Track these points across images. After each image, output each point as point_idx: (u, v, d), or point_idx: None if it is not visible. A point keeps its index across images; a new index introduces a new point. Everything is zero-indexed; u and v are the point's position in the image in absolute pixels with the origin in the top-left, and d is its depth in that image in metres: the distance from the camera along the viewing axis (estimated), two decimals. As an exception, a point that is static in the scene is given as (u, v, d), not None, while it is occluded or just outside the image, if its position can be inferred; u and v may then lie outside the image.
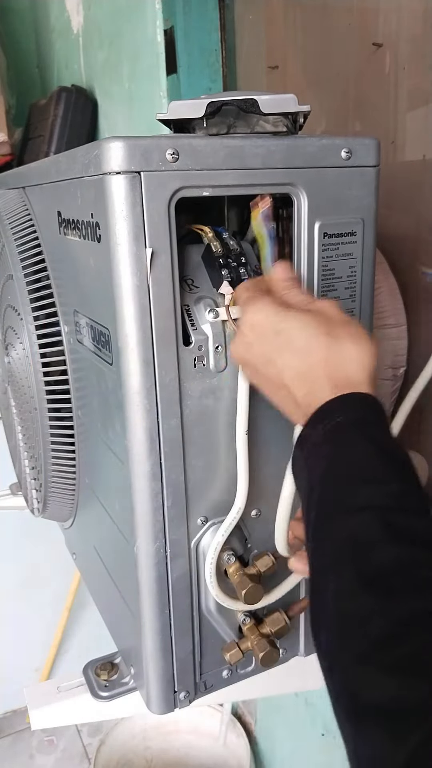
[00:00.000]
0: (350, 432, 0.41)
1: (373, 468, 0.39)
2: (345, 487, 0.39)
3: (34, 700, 0.73)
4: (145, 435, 0.52)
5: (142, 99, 1.31)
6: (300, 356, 0.45)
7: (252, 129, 0.54)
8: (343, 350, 0.44)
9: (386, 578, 0.34)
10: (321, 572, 0.38)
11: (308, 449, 0.43)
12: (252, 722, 1.67)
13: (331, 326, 0.45)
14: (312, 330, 0.45)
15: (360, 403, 0.43)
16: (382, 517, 0.36)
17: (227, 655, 0.61)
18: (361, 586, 0.34)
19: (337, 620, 0.35)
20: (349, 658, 0.33)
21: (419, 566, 0.34)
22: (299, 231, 0.56)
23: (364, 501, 0.38)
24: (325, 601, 0.37)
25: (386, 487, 0.38)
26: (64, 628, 1.93)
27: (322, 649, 0.36)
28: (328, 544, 0.38)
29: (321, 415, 0.43)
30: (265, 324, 0.47)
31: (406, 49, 0.86)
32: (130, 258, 0.48)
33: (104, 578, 0.73)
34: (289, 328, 0.45)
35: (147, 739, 1.74)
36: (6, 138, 1.61)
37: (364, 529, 0.36)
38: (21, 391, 0.79)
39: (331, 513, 0.39)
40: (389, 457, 0.40)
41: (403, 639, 0.31)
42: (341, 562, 0.36)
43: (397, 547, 0.35)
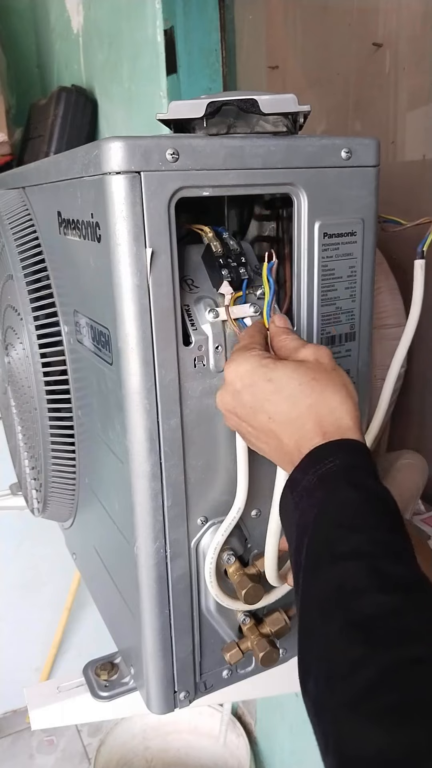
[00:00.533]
0: (341, 478, 0.42)
1: (363, 515, 0.40)
2: (335, 533, 0.40)
3: (34, 700, 0.73)
4: (145, 435, 0.52)
5: (142, 99, 1.31)
6: (290, 403, 0.46)
7: (252, 129, 0.54)
8: (329, 397, 0.46)
9: (373, 627, 0.34)
10: (309, 618, 0.39)
11: (299, 493, 0.44)
12: (252, 722, 1.67)
13: (319, 373, 0.47)
14: (300, 377, 0.46)
15: (350, 449, 0.44)
16: (369, 564, 0.37)
17: (227, 655, 0.61)
18: (348, 635, 0.35)
19: (325, 668, 0.35)
20: (335, 707, 0.33)
21: (405, 614, 0.35)
22: (299, 231, 0.56)
23: (353, 548, 0.39)
24: (312, 648, 0.37)
25: (375, 534, 0.39)
26: (64, 628, 1.93)
27: (309, 695, 0.36)
28: (317, 590, 0.39)
29: (312, 460, 0.44)
30: (252, 373, 0.48)
31: (406, 49, 0.86)
32: (130, 258, 0.48)
33: (104, 578, 0.73)
34: (279, 376, 0.47)
35: (147, 739, 1.74)
36: (6, 138, 1.61)
37: (352, 577, 0.37)
38: (21, 391, 0.79)
39: (320, 558, 0.40)
40: (378, 504, 0.41)
41: (388, 689, 0.31)
42: (329, 610, 0.37)
43: (384, 596, 0.36)
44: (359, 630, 0.35)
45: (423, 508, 0.89)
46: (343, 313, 0.60)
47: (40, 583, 1.89)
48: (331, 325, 0.60)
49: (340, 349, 0.62)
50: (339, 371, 0.48)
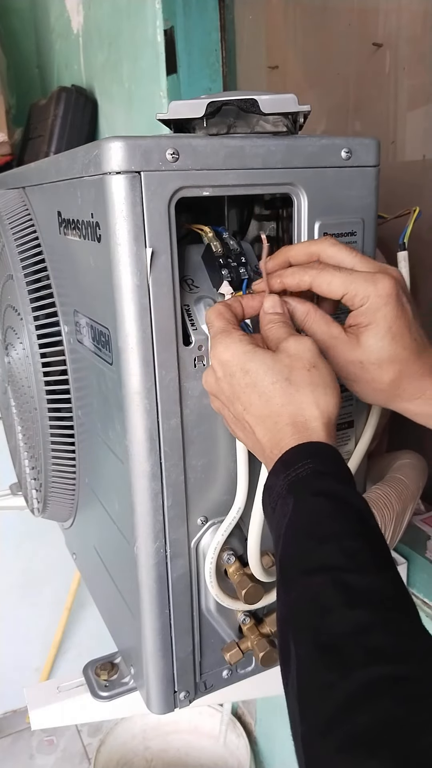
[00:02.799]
0: (309, 486, 0.41)
1: (329, 524, 0.39)
2: (304, 545, 0.39)
3: (34, 700, 0.73)
4: (145, 435, 0.52)
5: (142, 99, 1.32)
6: (262, 399, 0.45)
7: (252, 129, 0.54)
8: (303, 397, 0.44)
9: (341, 647, 0.34)
10: (285, 633, 0.38)
11: (274, 499, 0.43)
12: (252, 722, 1.67)
13: (295, 371, 0.45)
14: (275, 375, 0.45)
15: (319, 453, 0.43)
16: (335, 578, 0.36)
17: (227, 655, 0.61)
18: (318, 656, 0.34)
19: (298, 686, 0.35)
20: (307, 731, 0.33)
21: (372, 631, 0.34)
22: (299, 231, 0.56)
23: (320, 561, 0.38)
24: (288, 665, 0.36)
25: (341, 543, 0.38)
26: (64, 628, 1.93)
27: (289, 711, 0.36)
28: (290, 604, 0.38)
29: (283, 465, 0.43)
30: (232, 362, 0.47)
31: (406, 49, 0.86)
32: (130, 258, 0.48)
33: (104, 578, 0.73)
34: (255, 369, 0.45)
35: (147, 739, 1.74)
36: (6, 138, 1.61)
37: (319, 593, 0.36)
38: (21, 391, 0.79)
39: (290, 572, 0.39)
40: (346, 511, 0.40)
41: (357, 713, 0.31)
42: (300, 628, 0.37)
43: (350, 612, 0.35)
44: (327, 652, 0.34)
45: (423, 508, 0.89)
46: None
47: (40, 583, 1.89)
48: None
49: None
50: (318, 369, 0.45)
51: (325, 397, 0.45)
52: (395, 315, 0.48)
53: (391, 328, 0.48)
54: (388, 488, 0.70)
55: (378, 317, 0.48)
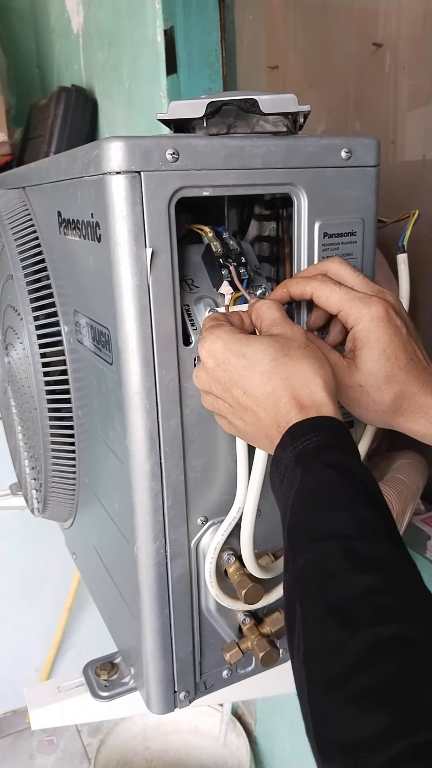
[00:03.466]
0: (318, 457, 0.42)
1: (339, 494, 0.40)
2: (312, 514, 0.40)
3: (34, 700, 0.73)
4: (145, 435, 0.52)
5: (142, 99, 1.32)
6: (264, 377, 0.46)
7: (252, 129, 0.54)
8: (303, 370, 0.45)
9: (349, 608, 0.35)
10: (292, 599, 0.39)
11: (282, 471, 0.44)
12: (252, 722, 1.67)
13: (291, 348, 0.46)
14: (274, 352, 0.46)
15: (327, 426, 0.44)
16: (346, 545, 0.37)
17: (227, 655, 0.61)
18: (327, 617, 0.35)
19: (305, 649, 0.36)
20: (314, 689, 0.34)
21: (381, 594, 0.35)
22: (299, 231, 0.56)
23: (330, 529, 0.39)
24: (295, 629, 0.37)
25: (351, 513, 0.39)
26: (64, 628, 1.93)
27: (294, 675, 0.37)
28: (298, 571, 0.39)
29: (291, 437, 0.44)
30: (225, 350, 0.47)
31: (406, 49, 0.86)
32: (130, 258, 0.48)
33: (104, 578, 0.73)
34: (253, 351, 0.46)
35: (147, 739, 1.74)
36: (6, 138, 1.61)
37: (329, 559, 0.37)
38: (21, 391, 0.79)
39: (299, 541, 0.40)
40: (355, 481, 0.41)
41: (364, 672, 0.32)
42: (308, 592, 0.37)
43: (361, 576, 0.36)
44: (336, 613, 0.35)
45: (423, 508, 0.89)
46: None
47: (40, 583, 1.90)
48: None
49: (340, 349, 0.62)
50: (312, 347, 0.47)
51: (323, 370, 0.46)
52: (388, 338, 0.50)
53: (386, 350, 0.50)
54: (388, 488, 0.70)
55: (371, 340, 0.50)
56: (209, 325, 0.50)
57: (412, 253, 0.62)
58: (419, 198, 0.86)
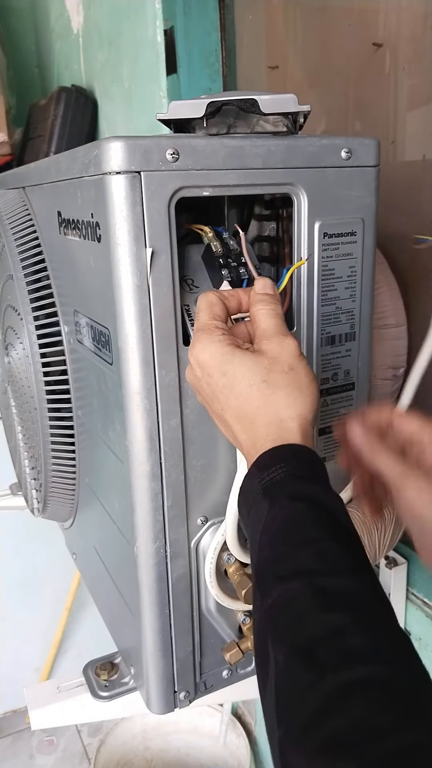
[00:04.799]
0: (284, 490, 0.41)
1: (304, 528, 0.39)
2: (279, 549, 0.39)
3: (34, 700, 0.73)
4: (145, 435, 0.52)
5: (142, 99, 1.31)
6: (239, 401, 0.45)
7: (252, 129, 0.54)
8: (279, 399, 0.44)
9: (316, 650, 0.34)
10: (262, 639, 0.38)
11: (249, 503, 0.43)
12: (252, 722, 1.67)
13: (272, 373, 0.45)
14: (253, 376, 0.45)
15: (292, 456, 0.43)
16: (311, 582, 0.37)
17: (227, 655, 0.61)
18: (294, 660, 0.34)
19: (276, 693, 0.35)
20: (283, 735, 0.33)
21: (347, 633, 0.34)
22: (299, 231, 0.56)
23: (295, 566, 0.38)
24: (267, 671, 0.36)
25: (315, 547, 0.38)
26: (64, 628, 1.93)
27: (265, 716, 0.36)
28: (267, 610, 0.38)
29: (258, 469, 0.43)
30: (209, 363, 0.47)
31: (406, 49, 0.86)
32: (130, 258, 0.48)
33: (104, 578, 0.73)
34: (232, 371, 0.45)
35: (147, 739, 1.74)
36: (6, 138, 1.61)
37: (294, 598, 0.36)
38: (21, 391, 0.79)
39: (267, 577, 0.39)
40: (319, 512, 0.40)
41: (331, 717, 0.31)
42: (276, 633, 0.37)
43: (326, 615, 0.35)
44: (303, 655, 0.34)
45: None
46: (343, 313, 0.60)
47: (40, 583, 1.89)
48: (331, 325, 0.60)
49: (340, 349, 0.62)
50: (296, 371, 0.45)
51: (301, 399, 0.45)
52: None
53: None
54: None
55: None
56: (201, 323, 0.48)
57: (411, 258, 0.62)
58: (419, 198, 0.86)
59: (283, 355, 0.46)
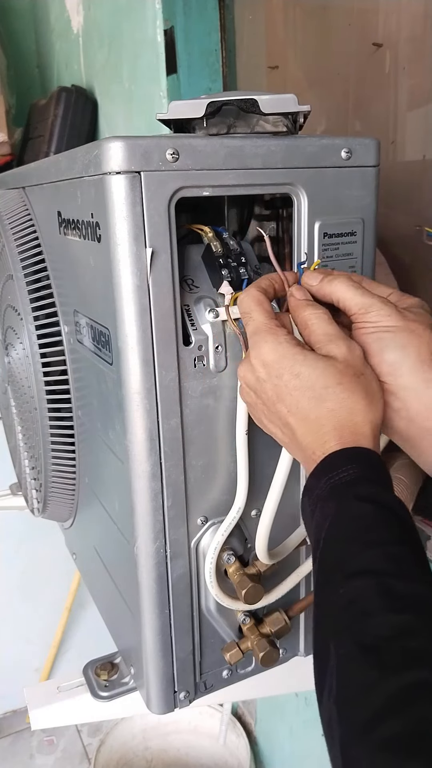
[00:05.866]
0: (354, 490, 0.41)
1: (374, 530, 0.40)
2: (346, 548, 0.39)
3: (34, 700, 0.73)
4: (145, 435, 0.52)
5: (142, 99, 1.31)
6: (312, 403, 0.45)
7: (252, 129, 0.54)
8: (354, 403, 0.45)
9: (383, 649, 0.34)
10: (323, 636, 0.38)
11: (314, 501, 0.43)
12: (252, 722, 1.67)
13: (346, 377, 0.45)
14: (327, 379, 0.45)
15: (364, 459, 0.43)
16: (380, 583, 0.36)
17: (227, 655, 0.61)
18: (359, 657, 0.34)
19: (335, 690, 0.35)
20: (346, 732, 0.33)
21: (416, 635, 0.34)
22: (299, 231, 0.56)
23: (364, 565, 0.38)
24: (327, 667, 0.36)
25: (386, 549, 0.38)
26: (64, 628, 1.93)
27: (322, 715, 0.36)
28: (330, 607, 0.38)
29: (325, 468, 0.43)
30: (281, 364, 0.47)
31: (406, 49, 0.86)
32: (130, 258, 0.48)
33: (104, 578, 0.73)
34: (307, 374, 0.46)
35: (147, 739, 1.74)
36: (6, 138, 1.61)
37: (362, 596, 0.36)
38: (21, 391, 0.79)
39: (332, 575, 0.39)
40: (390, 517, 0.40)
41: (396, 717, 0.31)
42: (341, 630, 0.36)
43: (394, 616, 0.35)
44: (369, 653, 0.34)
45: (423, 508, 0.89)
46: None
47: (40, 583, 1.90)
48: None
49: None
50: (367, 376, 0.46)
51: (373, 405, 0.45)
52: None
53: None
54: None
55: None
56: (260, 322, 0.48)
57: (411, 258, 0.62)
58: (419, 198, 0.86)
59: (355, 361, 0.46)
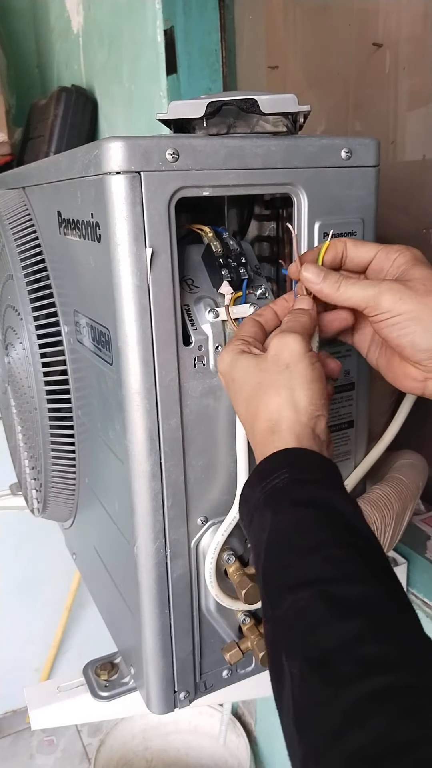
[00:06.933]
0: (287, 496, 0.39)
1: (312, 534, 0.38)
2: (286, 558, 0.38)
3: (34, 700, 0.73)
4: (145, 435, 0.52)
5: (142, 99, 1.31)
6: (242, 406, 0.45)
7: (252, 129, 0.54)
8: (268, 401, 0.43)
9: (333, 661, 0.32)
10: (276, 652, 0.36)
11: (250, 511, 0.42)
12: (252, 722, 1.67)
13: (267, 374, 0.43)
14: (250, 379, 0.44)
15: (294, 459, 0.41)
16: (323, 591, 0.35)
17: (227, 655, 0.61)
18: (310, 673, 0.33)
19: (294, 709, 0.33)
20: (307, 752, 0.32)
21: (364, 641, 0.33)
22: (299, 231, 0.56)
23: (305, 574, 0.36)
24: (282, 687, 0.35)
25: (326, 553, 0.36)
26: (64, 628, 1.93)
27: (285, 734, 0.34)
28: (278, 622, 0.37)
29: (257, 476, 0.42)
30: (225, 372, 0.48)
31: (406, 49, 0.86)
32: (130, 258, 0.48)
33: (104, 578, 0.73)
34: (237, 376, 0.46)
35: (147, 739, 1.74)
36: (6, 138, 1.61)
37: (307, 608, 0.35)
38: (21, 391, 0.79)
39: (277, 588, 0.38)
40: (329, 517, 0.38)
41: (354, 731, 0.30)
42: (290, 646, 0.35)
43: (341, 624, 0.33)
44: (320, 668, 0.32)
45: (423, 508, 0.89)
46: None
47: (40, 583, 1.89)
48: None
49: (341, 349, 0.62)
50: (292, 370, 0.43)
51: (294, 399, 0.43)
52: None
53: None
54: (388, 488, 0.70)
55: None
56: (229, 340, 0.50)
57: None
58: (419, 198, 0.86)
59: (282, 354, 0.44)
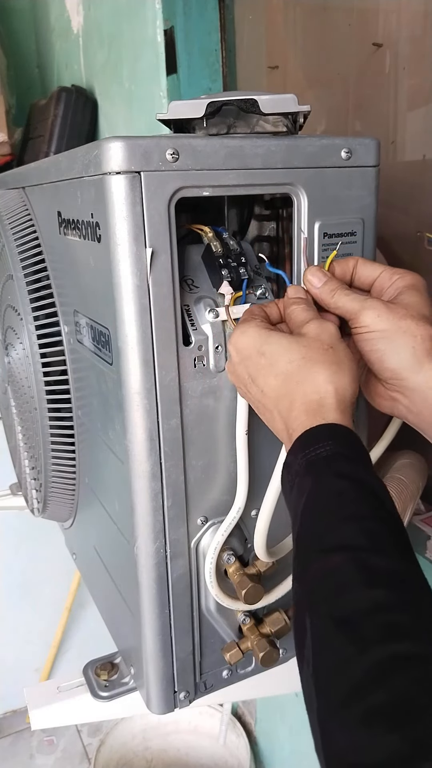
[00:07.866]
0: (328, 466, 0.41)
1: (350, 505, 0.39)
2: (322, 524, 0.39)
3: (34, 700, 0.73)
4: (145, 435, 0.52)
5: (142, 99, 1.31)
6: (278, 379, 0.46)
7: (252, 129, 0.54)
8: (316, 375, 0.44)
9: (359, 623, 0.34)
10: (301, 610, 0.38)
11: (292, 477, 0.43)
12: (252, 722, 1.67)
13: (311, 350, 0.45)
14: (292, 354, 0.45)
15: (338, 435, 0.43)
16: (356, 558, 0.36)
17: (227, 655, 0.61)
18: (335, 631, 0.34)
19: (314, 663, 0.35)
20: (323, 706, 0.33)
21: (391, 609, 0.34)
22: (299, 231, 0.56)
23: (340, 540, 0.38)
24: (305, 640, 0.36)
25: (362, 524, 0.38)
26: (64, 628, 1.93)
27: (303, 688, 0.36)
28: (307, 581, 0.38)
29: (300, 445, 0.43)
30: (248, 346, 0.48)
31: (406, 49, 0.86)
32: (130, 258, 0.48)
33: (104, 578, 0.73)
34: (271, 351, 0.46)
35: (147, 739, 1.74)
36: (6, 138, 1.61)
37: (339, 571, 0.36)
38: (21, 391, 0.79)
39: (309, 550, 0.39)
40: (366, 493, 0.40)
41: (373, 690, 0.31)
42: (317, 604, 0.36)
43: (370, 590, 0.35)
44: (345, 627, 0.34)
45: (423, 508, 0.89)
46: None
47: (40, 583, 1.89)
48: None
49: (340, 349, 0.62)
50: (336, 350, 0.46)
51: (340, 374, 0.45)
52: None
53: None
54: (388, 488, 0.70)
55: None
56: (242, 319, 0.51)
57: (411, 258, 0.62)
58: (419, 198, 0.86)
59: (323, 336, 0.47)
